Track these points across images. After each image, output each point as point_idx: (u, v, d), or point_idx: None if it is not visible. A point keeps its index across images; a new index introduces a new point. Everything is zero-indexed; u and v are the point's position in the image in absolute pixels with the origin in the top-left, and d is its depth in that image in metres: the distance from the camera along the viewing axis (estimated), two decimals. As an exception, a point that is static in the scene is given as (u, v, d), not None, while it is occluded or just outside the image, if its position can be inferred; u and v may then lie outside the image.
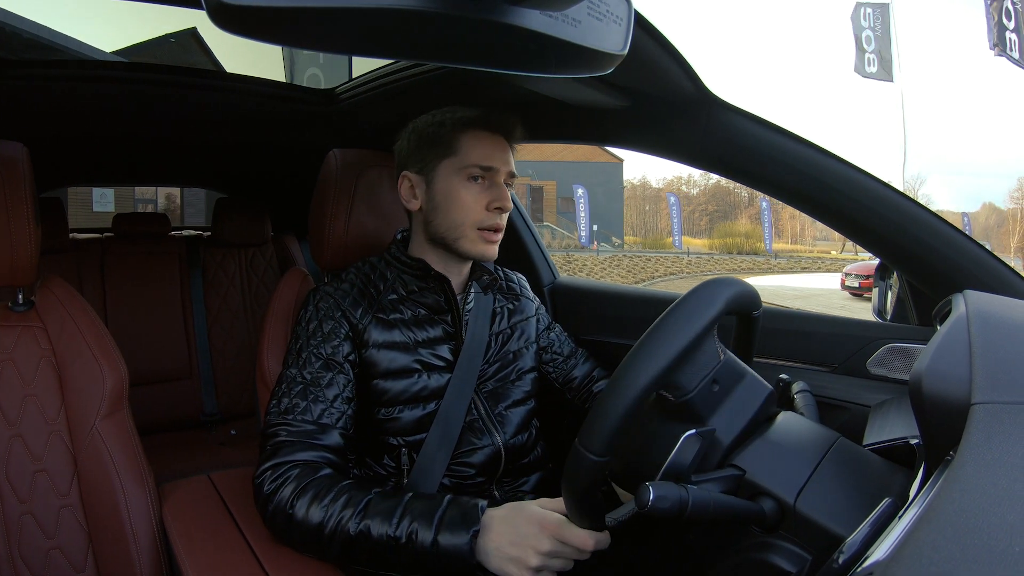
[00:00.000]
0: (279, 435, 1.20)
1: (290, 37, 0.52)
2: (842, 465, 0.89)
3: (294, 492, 1.12)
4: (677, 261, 28.45)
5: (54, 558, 1.27)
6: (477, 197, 1.33)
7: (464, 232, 1.34)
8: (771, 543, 0.85)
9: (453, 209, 1.33)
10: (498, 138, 1.36)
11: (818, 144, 1.27)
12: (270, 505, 1.14)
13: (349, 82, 1.85)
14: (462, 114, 1.36)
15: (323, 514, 1.09)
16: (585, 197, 27.72)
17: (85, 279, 2.81)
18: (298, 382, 1.25)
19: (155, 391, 2.82)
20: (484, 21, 0.54)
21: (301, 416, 1.21)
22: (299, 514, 1.10)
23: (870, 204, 1.26)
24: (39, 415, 1.28)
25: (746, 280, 1.08)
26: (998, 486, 0.54)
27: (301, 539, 1.12)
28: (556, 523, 1.03)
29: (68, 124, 2.08)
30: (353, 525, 1.08)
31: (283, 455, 1.18)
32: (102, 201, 15.58)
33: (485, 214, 1.33)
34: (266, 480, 1.15)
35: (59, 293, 1.36)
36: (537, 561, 1.02)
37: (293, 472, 1.15)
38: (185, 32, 12.20)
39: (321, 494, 1.11)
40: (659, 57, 1.12)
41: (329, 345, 1.28)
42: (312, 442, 1.20)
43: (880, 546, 0.61)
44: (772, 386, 1.00)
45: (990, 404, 0.65)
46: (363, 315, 1.32)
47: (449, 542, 1.05)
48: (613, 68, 0.67)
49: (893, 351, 1.43)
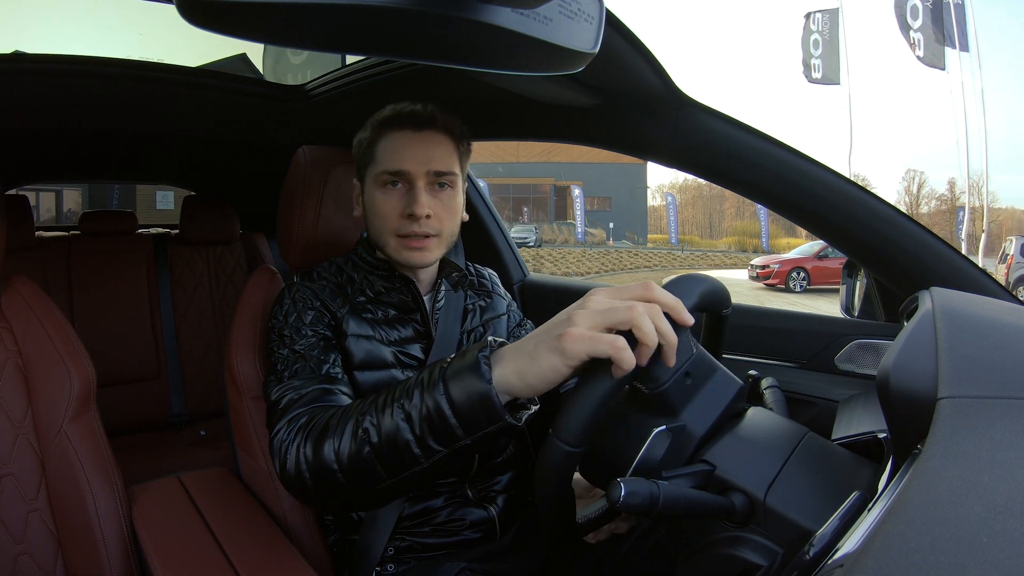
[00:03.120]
0: (286, 395, 1.14)
1: (258, 33, 0.51)
2: (811, 459, 0.90)
3: (304, 437, 1.04)
4: (666, 257, 30.18)
5: (23, 563, 1.25)
6: (394, 205, 1.27)
7: (386, 240, 1.29)
8: (742, 537, 0.85)
9: (373, 218, 1.31)
10: (423, 135, 1.28)
11: (787, 144, 1.29)
12: (288, 463, 1.04)
13: (319, 78, 1.84)
14: (378, 116, 1.31)
15: (334, 442, 0.99)
16: (581, 197, 29.60)
17: (51, 278, 2.76)
18: (293, 355, 1.20)
19: (123, 392, 2.78)
20: (455, 18, 0.54)
21: (307, 376, 1.16)
22: (310, 455, 1.01)
23: (837, 202, 1.28)
24: (5, 418, 1.26)
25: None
26: (965, 479, 0.55)
27: (324, 482, 1.01)
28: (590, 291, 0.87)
29: (33, 119, 2.04)
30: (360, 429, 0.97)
31: (294, 409, 1.10)
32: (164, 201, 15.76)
33: (400, 222, 1.27)
34: (283, 448, 1.06)
35: (25, 293, 1.33)
36: (586, 321, 0.82)
37: (303, 419, 1.07)
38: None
39: (330, 425, 1.02)
40: (629, 56, 1.12)
41: (313, 328, 1.25)
42: (324, 387, 1.14)
43: (850, 539, 0.61)
44: (742, 382, 1.01)
45: (956, 399, 0.66)
46: (341, 306, 1.30)
47: (460, 387, 0.88)
48: (584, 66, 0.67)
49: (861, 347, 1.45)
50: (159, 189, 15.15)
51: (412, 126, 1.28)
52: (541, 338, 0.85)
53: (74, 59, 1.68)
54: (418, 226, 1.26)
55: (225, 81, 1.86)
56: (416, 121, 1.28)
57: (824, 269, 19.44)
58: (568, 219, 34.82)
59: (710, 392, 0.97)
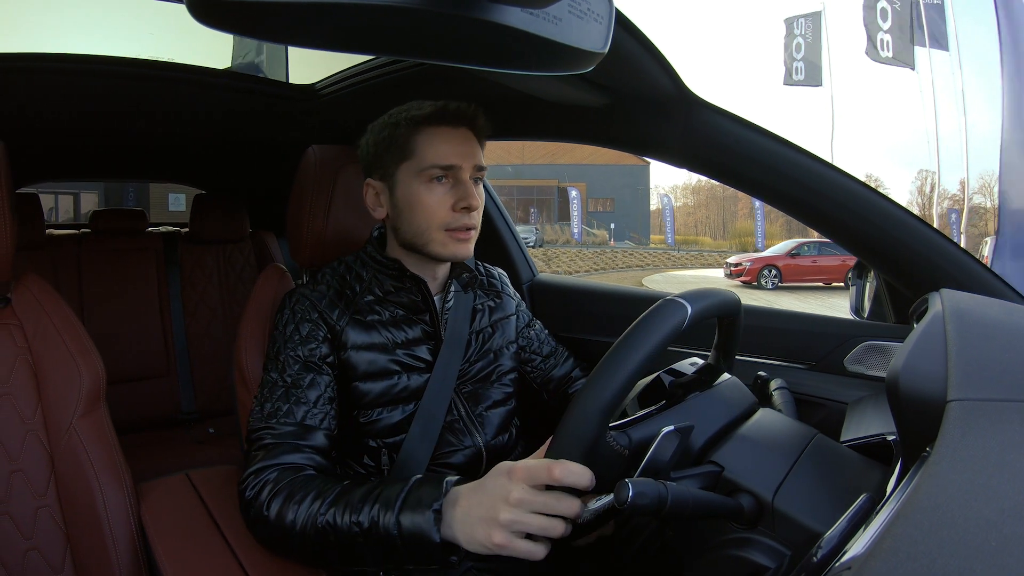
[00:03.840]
0: (263, 439, 1.17)
1: (269, 32, 0.51)
2: (820, 461, 0.90)
3: (270, 494, 1.09)
4: (660, 256, 31.30)
5: (32, 559, 1.25)
6: (441, 199, 1.28)
7: (431, 236, 1.29)
8: (750, 539, 0.85)
9: (417, 214, 1.29)
10: (460, 131, 1.31)
11: (797, 144, 1.28)
12: (251, 510, 1.11)
13: (328, 78, 1.84)
14: (415, 112, 1.30)
15: (294, 512, 1.06)
16: (577, 199, 30.59)
17: (61, 276, 2.78)
18: (279, 386, 1.22)
19: (132, 389, 2.79)
20: (465, 18, 0.54)
21: (284, 419, 1.18)
22: (272, 515, 1.07)
23: (847, 203, 1.27)
24: (15, 414, 1.26)
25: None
26: (974, 482, 0.55)
27: (279, 541, 1.09)
28: (525, 466, 0.92)
29: (44, 117, 2.05)
30: (320, 518, 1.03)
31: (265, 460, 1.15)
32: (176, 203, 16.03)
33: (452, 215, 1.28)
34: (248, 486, 1.12)
35: (35, 290, 1.34)
36: (508, 515, 0.90)
37: (272, 475, 1.12)
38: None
39: (294, 492, 1.08)
40: (639, 56, 1.12)
41: (307, 348, 1.25)
42: (296, 443, 1.17)
43: (858, 541, 0.61)
44: (751, 383, 1.00)
45: (966, 401, 0.65)
46: (340, 317, 1.29)
47: (411, 521, 0.97)
48: (594, 66, 0.67)
49: (870, 349, 1.44)
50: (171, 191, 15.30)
51: (454, 122, 1.30)
52: (481, 516, 0.94)
53: (85, 58, 1.69)
54: (469, 218, 1.29)
55: (236, 80, 1.86)
56: (460, 118, 1.30)
57: (796, 267, 20.49)
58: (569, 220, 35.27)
59: (718, 394, 0.97)
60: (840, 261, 19.37)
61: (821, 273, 20.37)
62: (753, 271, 20.55)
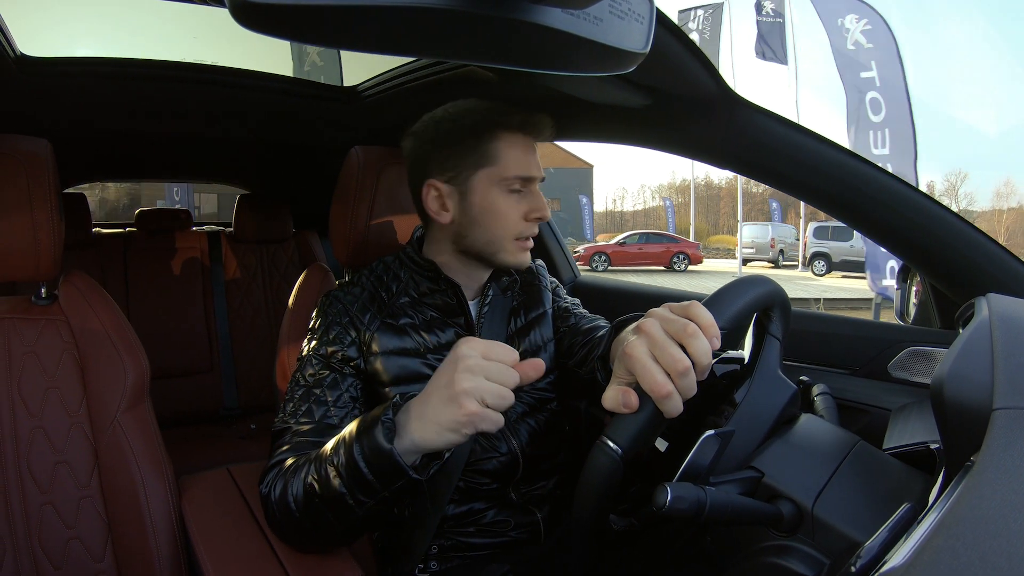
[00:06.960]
0: (283, 437, 1.18)
1: (312, 35, 0.52)
2: (861, 469, 0.89)
3: (282, 487, 1.09)
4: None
5: (73, 548, 1.28)
6: (516, 208, 1.27)
7: (504, 245, 1.28)
8: (788, 546, 0.84)
9: (494, 223, 1.27)
10: (530, 141, 1.29)
11: (841, 145, 1.26)
12: (267, 507, 1.11)
13: (371, 79, 1.85)
14: (499, 118, 1.26)
15: (291, 489, 1.05)
16: (588, 205, 33.14)
17: (108, 274, 2.85)
18: (301, 385, 1.23)
19: (176, 385, 2.85)
20: (506, 19, 0.54)
21: (303, 418, 1.18)
22: (276, 501, 1.08)
23: (893, 205, 1.25)
24: (61, 407, 1.30)
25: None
26: (1019, 492, 0.53)
27: (293, 530, 1.09)
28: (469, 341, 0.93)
29: (92, 121, 2.10)
30: (307, 479, 1.02)
31: (286, 454, 1.15)
32: (208, 203, 16.56)
33: (524, 225, 1.28)
34: (264, 483, 1.13)
35: (82, 287, 1.37)
36: (468, 382, 0.89)
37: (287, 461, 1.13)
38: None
39: (289, 476, 1.08)
40: (681, 56, 1.11)
41: (332, 347, 1.25)
42: (314, 441, 1.15)
43: (898, 552, 0.60)
44: (796, 386, 0.99)
45: (1012, 410, 0.64)
46: (371, 321, 1.28)
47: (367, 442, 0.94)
48: (635, 66, 0.67)
49: (914, 354, 1.42)
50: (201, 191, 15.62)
51: (535, 133, 1.30)
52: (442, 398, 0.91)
53: (131, 62, 1.73)
54: (535, 229, 1.31)
55: (279, 83, 1.88)
56: (541, 128, 1.30)
57: (623, 253, 26.83)
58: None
59: (760, 397, 0.96)
60: (664, 248, 27.04)
61: (647, 258, 26.81)
62: (586, 257, 26.15)
